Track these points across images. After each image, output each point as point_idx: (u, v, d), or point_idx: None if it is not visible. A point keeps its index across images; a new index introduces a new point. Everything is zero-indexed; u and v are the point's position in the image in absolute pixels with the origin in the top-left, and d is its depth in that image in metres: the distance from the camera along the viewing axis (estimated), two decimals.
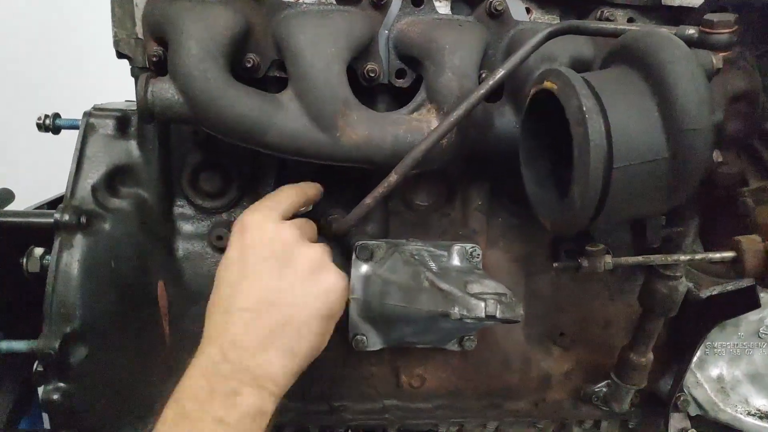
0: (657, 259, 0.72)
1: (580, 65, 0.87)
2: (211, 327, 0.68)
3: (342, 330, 0.93)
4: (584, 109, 0.58)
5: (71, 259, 0.81)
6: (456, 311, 0.69)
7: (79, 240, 0.81)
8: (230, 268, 0.70)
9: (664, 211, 0.67)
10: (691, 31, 0.65)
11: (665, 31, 0.64)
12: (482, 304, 0.67)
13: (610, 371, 0.99)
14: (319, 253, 0.71)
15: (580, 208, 0.60)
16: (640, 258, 0.74)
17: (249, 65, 0.82)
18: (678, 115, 0.58)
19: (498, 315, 0.66)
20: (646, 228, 0.72)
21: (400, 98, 0.90)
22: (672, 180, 0.60)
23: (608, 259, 0.74)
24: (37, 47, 1.92)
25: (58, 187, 1.02)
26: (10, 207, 1.26)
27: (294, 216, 0.79)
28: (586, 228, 0.63)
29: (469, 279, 0.74)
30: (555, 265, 0.84)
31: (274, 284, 0.68)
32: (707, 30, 0.63)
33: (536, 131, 0.73)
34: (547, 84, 0.64)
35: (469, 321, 0.69)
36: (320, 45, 0.78)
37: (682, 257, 0.71)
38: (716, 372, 1.04)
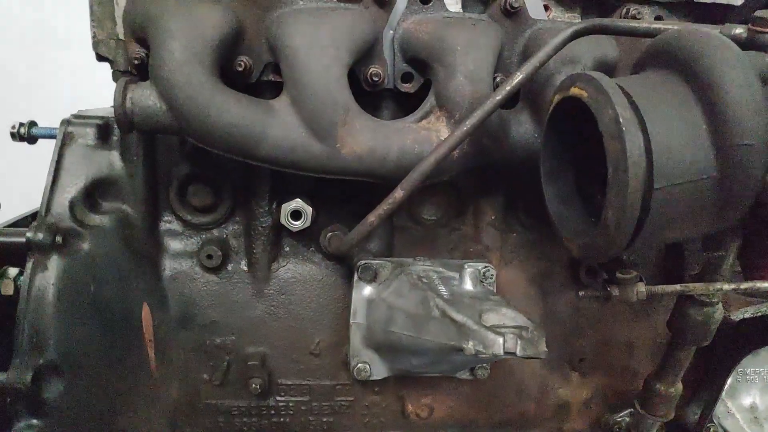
0: (698, 288, 0.65)
1: (604, 68, 0.79)
2: None
3: (344, 356, 0.86)
4: (621, 120, 0.50)
5: (45, 282, 0.73)
6: (470, 346, 0.61)
7: (54, 261, 0.74)
8: None
9: (708, 234, 0.59)
10: (739, 30, 0.57)
11: (711, 30, 0.56)
12: (500, 340, 0.59)
13: (632, 399, 0.91)
14: None
15: (615, 232, 0.52)
16: (678, 287, 0.66)
17: (240, 69, 0.74)
18: (729, 127, 0.50)
19: (518, 352, 0.59)
20: (683, 251, 0.64)
21: (406, 105, 0.82)
22: (719, 201, 0.53)
23: (642, 287, 0.66)
24: (18, 49, 1.85)
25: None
26: None
27: None
28: (620, 253, 0.55)
29: (484, 307, 0.66)
30: (581, 293, 0.76)
31: None
32: (758, 29, 0.56)
33: (559, 142, 0.65)
34: (575, 91, 0.56)
35: (485, 356, 0.61)
36: (319, 47, 0.71)
37: (726, 286, 0.64)
38: (749, 401, 0.96)
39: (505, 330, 0.61)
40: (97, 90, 1.16)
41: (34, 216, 1.09)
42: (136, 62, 0.74)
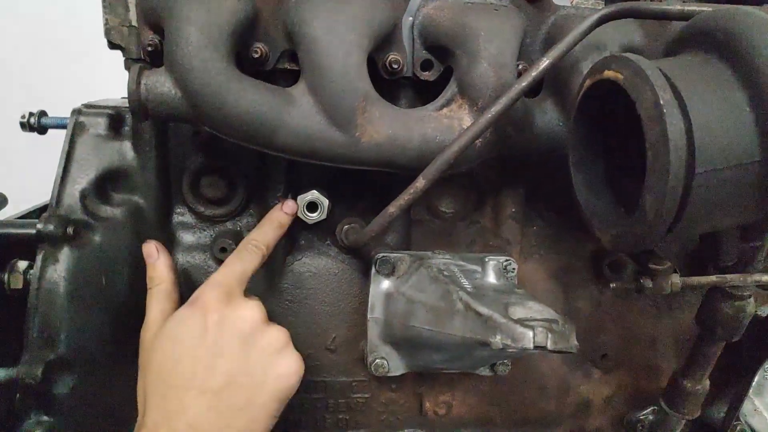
0: (735, 279, 0.62)
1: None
2: (161, 405, 0.62)
3: (360, 352, 0.84)
4: (661, 103, 0.48)
5: (56, 275, 0.71)
6: (498, 340, 0.59)
7: (65, 253, 0.72)
8: (194, 346, 0.64)
9: (750, 223, 0.57)
10: None
11: (753, 9, 0.54)
12: (530, 333, 0.57)
13: (656, 396, 0.89)
14: (282, 334, 0.69)
15: (653, 221, 0.50)
16: (714, 278, 0.63)
17: (256, 56, 0.72)
18: None
19: (549, 346, 0.56)
20: (718, 242, 0.61)
21: (424, 93, 0.80)
22: (763, 187, 0.50)
23: (676, 279, 0.64)
24: (28, 38, 1.83)
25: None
26: (3, 212, 1.19)
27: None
28: (656, 244, 0.53)
29: (510, 300, 0.64)
30: (612, 285, 0.74)
31: (241, 365, 0.64)
32: None
33: (588, 130, 0.63)
34: (610, 74, 0.54)
35: (512, 351, 0.59)
36: (337, 32, 0.68)
37: (765, 278, 0.61)
38: None
39: (535, 323, 0.58)
40: (107, 80, 1.14)
41: (42, 210, 1.08)
42: (149, 49, 0.72)
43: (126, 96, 0.69)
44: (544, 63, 0.65)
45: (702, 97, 0.50)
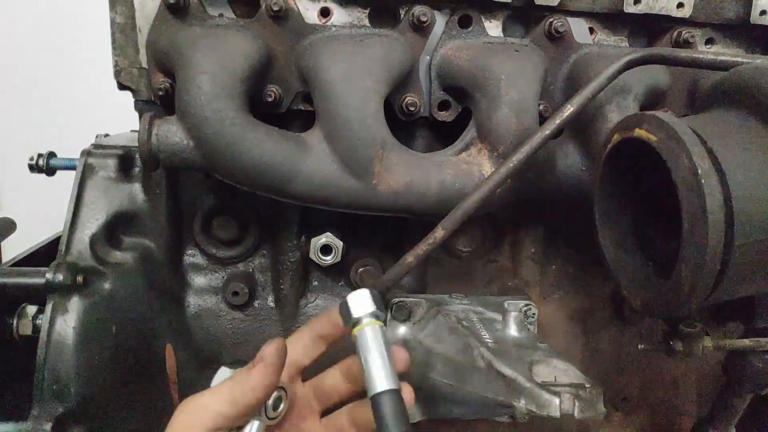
0: None
1: (656, 97, 0.74)
2: None
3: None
4: (699, 173, 0.45)
5: (66, 325, 0.69)
6: (522, 405, 0.57)
7: (75, 303, 0.70)
8: None
9: None
10: None
11: None
12: (556, 401, 0.55)
13: None
14: None
15: (688, 292, 0.48)
16: (747, 341, 0.61)
17: (270, 99, 0.70)
18: None
19: (576, 414, 0.54)
20: (754, 305, 0.59)
21: (441, 133, 0.78)
22: None
23: (708, 342, 0.61)
24: (39, 74, 1.83)
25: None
26: (12, 237, 1.18)
27: None
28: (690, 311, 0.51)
29: (533, 358, 0.62)
30: (640, 347, 0.72)
31: None
32: None
33: (614, 181, 0.61)
34: (642, 133, 0.51)
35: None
36: (355, 78, 0.66)
37: None
38: None
39: (560, 389, 0.56)
40: (117, 114, 1.12)
41: (51, 244, 1.06)
42: (160, 93, 0.70)
43: (135, 129, 0.67)
44: (569, 110, 0.63)
45: (742, 164, 0.47)
